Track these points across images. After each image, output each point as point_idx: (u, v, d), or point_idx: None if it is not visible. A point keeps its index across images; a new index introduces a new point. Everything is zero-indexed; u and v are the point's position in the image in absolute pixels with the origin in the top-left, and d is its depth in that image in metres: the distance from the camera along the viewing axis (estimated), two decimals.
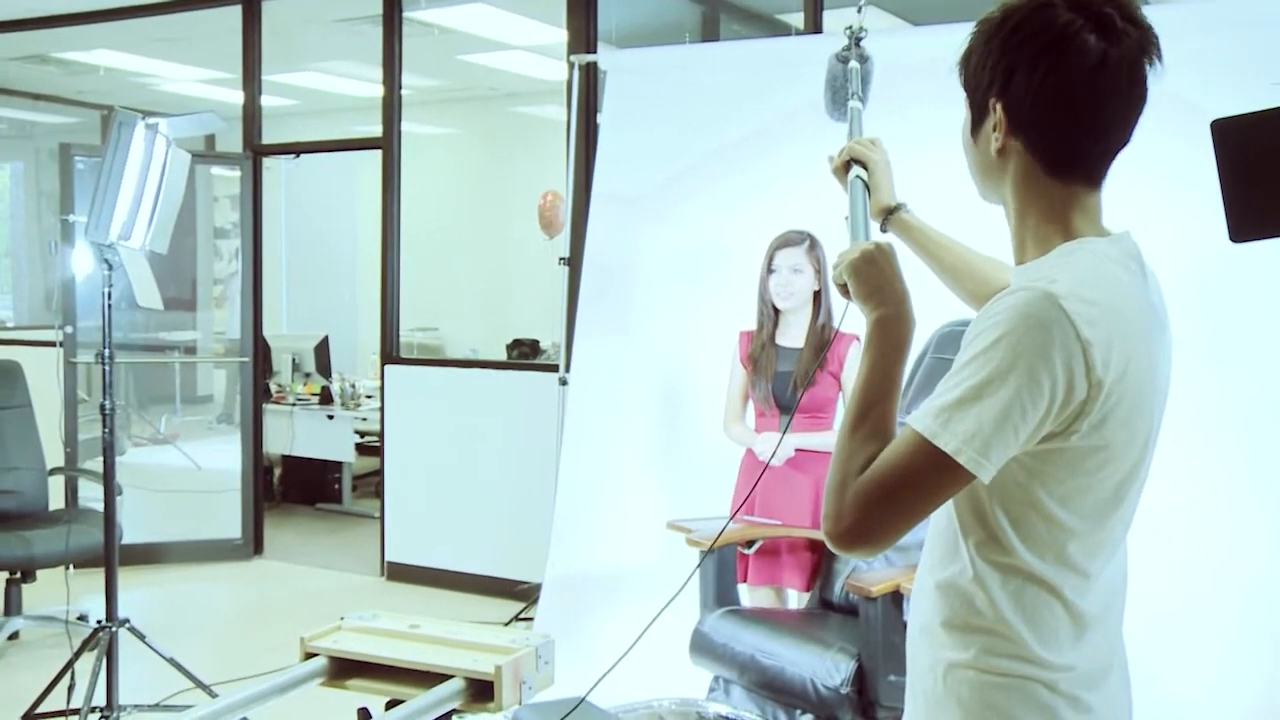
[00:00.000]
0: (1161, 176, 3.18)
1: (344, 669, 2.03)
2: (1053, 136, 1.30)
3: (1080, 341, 1.18)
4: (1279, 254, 1.93)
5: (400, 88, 5.87)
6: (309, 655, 2.03)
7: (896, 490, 1.22)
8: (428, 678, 1.94)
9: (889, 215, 1.70)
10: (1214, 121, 1.30)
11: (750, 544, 3.58)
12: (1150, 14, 1.31)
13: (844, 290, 1.42)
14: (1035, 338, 1.18)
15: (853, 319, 1.43)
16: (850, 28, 1.89)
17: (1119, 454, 1.26)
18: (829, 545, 1.26)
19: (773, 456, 3.43)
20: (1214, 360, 3.39)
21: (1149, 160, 1.94)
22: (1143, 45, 1.28)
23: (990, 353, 1.19)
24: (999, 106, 1.32)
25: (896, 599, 2.91)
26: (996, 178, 1.37)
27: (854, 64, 1.84)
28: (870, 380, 1.31)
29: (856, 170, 1.67)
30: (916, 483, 1.22)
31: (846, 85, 1.84)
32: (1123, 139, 1.32)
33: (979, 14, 1.37)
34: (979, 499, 1.27)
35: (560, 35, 5.43)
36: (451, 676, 1.93)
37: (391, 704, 1.98)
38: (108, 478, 3.73)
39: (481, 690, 1.92)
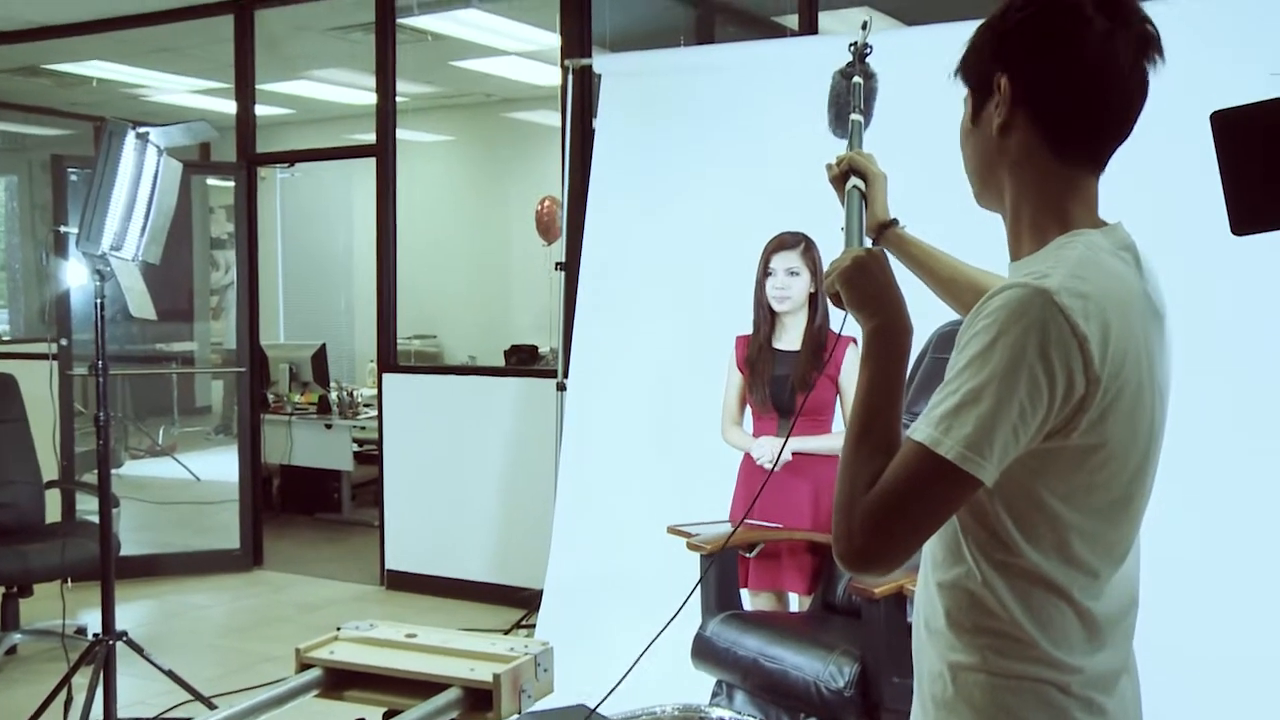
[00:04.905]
0: (1161, 169, 3.16)
1: (340, 680, 2.00)
2: (1059, 107, 1.29)
3: (1076, 337, 1.16)
4: None
5: (394, 95, 5.85)
6: (304, 666, 2.00)
7: (904, 505, 1.19)
8: (425, 687, 1.91)
9: (883, 230, 1.70)
10: (1214, 113, 1.27)
11: (751, 548, 3.56)
12: (1149, 7, 1.29)
13: (836, 300, 1.39)
14: (1031, 337, 1.16)
15: (852, 325, 1.40)
16: (855, 44, 1.87)
17: (1121, 450, 1.24)
18: (842, 567, 1.23)
19: (775, 464, 3.41)
20: (1220, 356, 3.37)
21: (1148, 153, 1.92)
22: (1145, 37, 1.28)
23: (986, 355, 1.17)
24: (1004, 78, 1.30)
25: (900, 600, 2.88)
26: (996, 165, 1.34)
27: (857, 79, 1.82)
28: (871, 392, 1.28)
29: (854, 181, 1.66)
30: (923, 495, 1.19)
31: (850, 102, 1.82)
32: (1124, 124, 1.31)
33: (973, 11, 1.36)
34: (978, 499, 1.25)
35: (554, 40, 5.41)
36: (449, 686, 1.90)
37: (389, 714, 1.96)
38: (103, 490, 3.71)
39: (480, 699, 1.90)
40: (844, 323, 1.45)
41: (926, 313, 1.78)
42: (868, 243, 1.61)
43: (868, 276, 1.35)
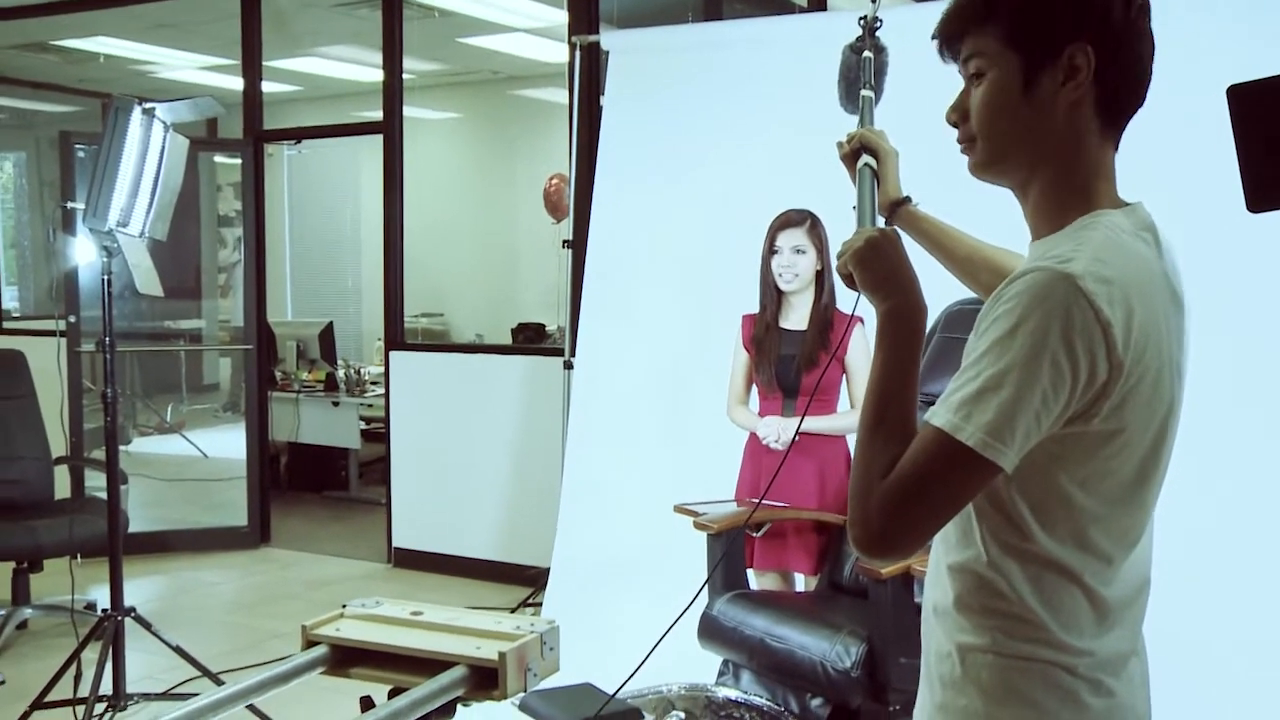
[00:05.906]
0: (1177, 145, 3.13)
1: (346, 657, 2.00)
2: (1115, 79, 1.26)
3: (1100, 323, 1.14)
4: None
5: (401, 72, 5.82)
6: (310, 643, 2.00)
7: (922, 491, 1.18)
8: (430, 665, 1.90)
9: (895, 209, 1.67)
10: (1230, 87, 1.25)
11: (758, 527, 3.55)
12: None
13: (849, 281, 1.37)
14: (1055, 322, 1.13)
15: (865, 305, 1.38)
16: (864, 18, 1.85)
17: (1138, 434, 1.22)
18: (858, 552, 1.22)
19: (789, 444, 3.40)
20: (1236, 337, 3.33)
21: (1164, 129, 1.91)
22: None
23: (1009, 340, 1.15)
24: (1088, 51, 1.24)
25: (907, 581, 2.87)
26: (1040, 139, 1.28)
27: (867, 54, 1.80)
28: (885, 375, 1.26)
29: (866, 158, 1.63)
30: (942, 481, 1.17)
31: (860, 77, 1.80)
32: (1146, 89, 1.30)
33: None
34: (994, 484, 1.23)
35: (561, 16, 5.38)
36: (454, 664, 1.90)
37: (394, 692, 1.96)
38: (111, 466, 3.71)
39: (485, 678, 1.89)
40: (856, 303, 1.43)
41: (938, 292, 1.76)
42: (880, 221, 1.59)
43: (881, 256, 1.32)
